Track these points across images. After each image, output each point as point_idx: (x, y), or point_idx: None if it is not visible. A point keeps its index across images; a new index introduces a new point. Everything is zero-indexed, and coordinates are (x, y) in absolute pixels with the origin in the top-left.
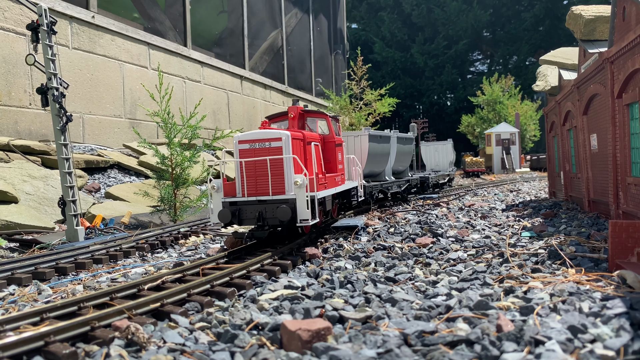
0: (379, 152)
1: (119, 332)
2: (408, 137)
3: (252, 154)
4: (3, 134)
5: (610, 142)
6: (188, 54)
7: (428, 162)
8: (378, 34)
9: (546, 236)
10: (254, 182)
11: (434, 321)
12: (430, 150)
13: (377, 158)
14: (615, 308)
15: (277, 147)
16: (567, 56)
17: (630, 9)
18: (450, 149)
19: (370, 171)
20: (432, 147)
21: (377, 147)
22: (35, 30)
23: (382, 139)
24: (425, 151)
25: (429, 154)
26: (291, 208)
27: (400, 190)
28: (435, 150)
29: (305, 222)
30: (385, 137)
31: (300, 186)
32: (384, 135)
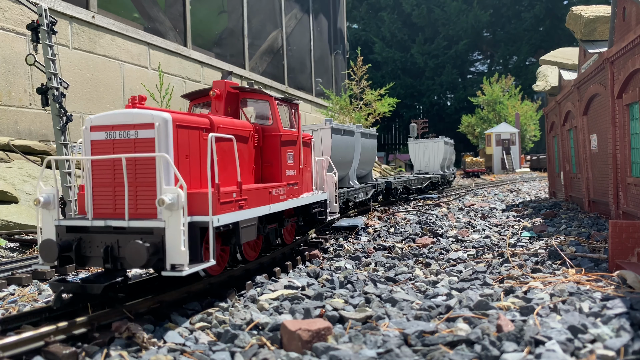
0: (343, 150)
1: (119, 332)
2: (372, 132)
3: (109, 148)
4: (3, 134)
5: (611, 142)
6: (188, 54)
7: (416, 162)
8: (378, 34)
9: (546, 236)
10: (109, 195)
11: (434, 321)
12: (418, 149)
13: (342, 158)
14: (616, 308)
15: (146, 140)
16: (567, 56)
17: (630, 9)
18: (442, 147)
19: None
20: (422, 145)
21: (341, 144)
22: (35, 30)
23: (347, 133)
24: (413, 150)
25: (417, 153)
26: (154, 244)
27: (367, 197)
28: (425, 149)
29: (180, 269)
30: (349, 132)
31: (169, 207)
32: (348, 129)
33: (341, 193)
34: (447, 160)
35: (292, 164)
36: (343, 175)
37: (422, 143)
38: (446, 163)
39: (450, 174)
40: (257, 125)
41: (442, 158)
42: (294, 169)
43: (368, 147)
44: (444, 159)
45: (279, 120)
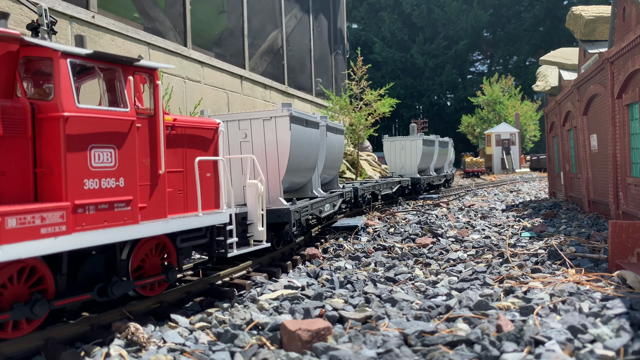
0: (306, 148)
1: (119, 332)
2: (338, 127)
3: None
4: None
5: (610, 142)
6: (188, 54)
7: (391, 163)
8: (378, 34)
9: (546, 236)
10: None
11: (434, 321)
12: (394, 148)
13: (304, 159)
14: (615, 308)
15: None
16: (567, 56)
17: (630, 10)
18: (419, 146)
19: (291, 184)
20: (397, 144)
21: (304, 140)
22: (35, 30)
23: (310, 124)
24: (387, 149)
25: (392, 153)
26: None
27: (334, 210)
28: (401, 148)
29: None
30: (312, 123)
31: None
32: (312, 119)
33: (303, 207)
34: (433, 162)
35: (113, 169)
36: (304, 182)
37: (398, 141)
38: (431, 164)
39: (437, 176)
40: (32, 102)
41: (419, 159)
42: (122, 177)
43: (335, 145)
44: (426, 160)
45: (64, 91)
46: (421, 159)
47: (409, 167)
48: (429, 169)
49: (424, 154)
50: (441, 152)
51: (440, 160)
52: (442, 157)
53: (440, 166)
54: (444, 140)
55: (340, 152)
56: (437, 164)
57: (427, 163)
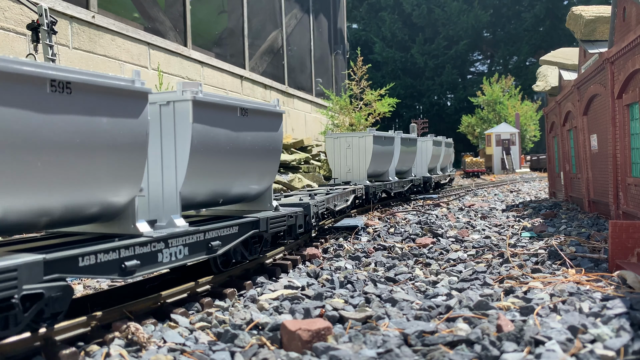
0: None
1: (119, 332)
2: (270, 109)
3: None
4: None
5: (611, 142)
6: (188, 54)
7: (335, 167)
8: (378, 34)
9: (546, 236)
10: None
11: (434, 321)
12: (338, 147)
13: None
14: (616, 308)
15: None
16: (567, 56)
17: (631, 10)
18: (369, 146)
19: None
20: (342, 142)
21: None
22: (35, 30)
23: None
24: (331, 149)
25: (336, 154)
26: None
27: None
28: (347, 147)
29: None
30: (226, 108)
31: None
32: (227, 103)
33: None
34: (393, 163)
35: None
36: (223, 192)
37: (344, 138)
38: (390, 167)
39: (403, 182)
40: None
41: (368, 161)
42: None
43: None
44: (381, 162)
45: None
46: (372, 161)
47: (357, 173)
48: (387, 173)
49: (378, 155)
50: (388, 151)
51: (408, 160)
52: (423, 156)
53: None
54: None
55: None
56: (404, 166)
57: (384, 165)
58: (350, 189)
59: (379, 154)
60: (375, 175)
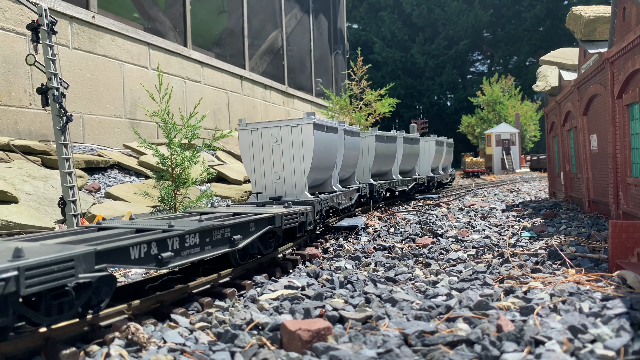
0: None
1: (119, 332)
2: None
3: None
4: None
5: (611, 142)
6: (188, 54)
7: (256, 176)
8: (378, 34)
9: (546, 236)
10: None
11: (434, 321)
12: (259, 143)
13: None
14: (616, 308)
15: None
16: (567, 56)
17: (631, 10)
18: (309, 137)
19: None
20: (267, 134)
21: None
22: (35, 30)
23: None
24: (246, 148)
25: (256, 154)
26: None
27: None
28: (274, 143)
29: None
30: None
31: None
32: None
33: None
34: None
35: None
36: None
37: (268, 129)
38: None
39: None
40: None
41: (308, 166)
42: None
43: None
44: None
45: None
46: (313, 167)
47: (290, 181)
48: (334, 180)
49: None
50: (391, 150)
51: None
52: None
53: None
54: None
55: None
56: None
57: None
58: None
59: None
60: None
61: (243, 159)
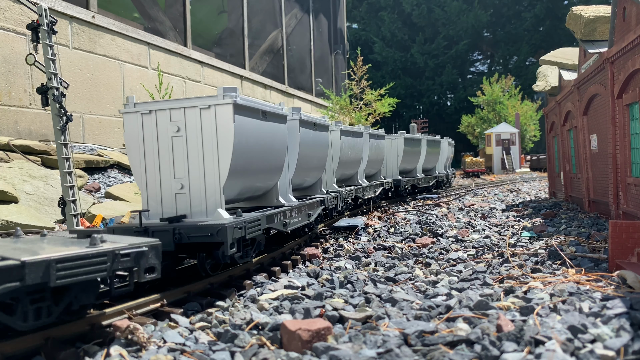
0: None
1: (119, 332)
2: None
3: None
4: (3, 133)
5: (611, 142)
6: (188, 54)
7: (149, 182)
8: (378, 34)
9: (546, 236)
10: None
11: (434, 321)
12: (154, 133)
13: None
14: (615, 308)
15: None
16: (567, 56)
17: (631, 10)
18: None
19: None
20: (164, 120)
21: None
22: (35, 30)
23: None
24: (134, 138)
25: (148, 149)
26: None
27: None
28: (175, 133)
29: None
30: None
31: None
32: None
33: None
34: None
35: None
36: None
37: (165, 112)
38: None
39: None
40: None
41: (225, 169)
42: None
43: None
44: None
45: None
46: (235, 172)
47: (199, 190)
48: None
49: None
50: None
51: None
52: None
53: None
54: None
55: None
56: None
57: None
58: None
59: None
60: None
61: (130, 157)
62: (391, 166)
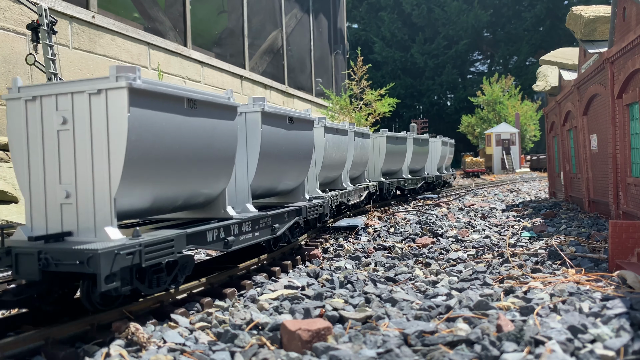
0: None
1: (119, 332)
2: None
3: None
4: (3, 133)
5: (611, 142)
6: (188, 54)
7: (33, 186)
8: (378, 34)
9: (546, 236)
10: None
11: (434, 321)
12: (38, 124)
13: None
14: (615, 308)
15: None
16: (567, 56)
17: (631, 10)
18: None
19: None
20: (49, 109)
21: None
22: (35, 30)
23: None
24: (17, 130)
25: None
26: None
27: None
28: (60, 125)
29: None
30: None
31: None
32: None
33: None
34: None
35: None
36: None
37: (51, 99)
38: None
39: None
40: None
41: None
42: None
43: None
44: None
45: None
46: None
47: (85, 201)
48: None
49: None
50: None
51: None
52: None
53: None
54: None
55: None
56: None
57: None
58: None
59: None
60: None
61: (12, 157)
62: (374, 167)
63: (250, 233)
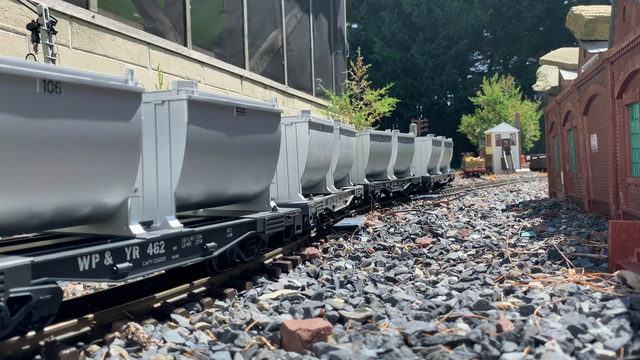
0: None
1: (119, 332)
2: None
3: None
4: None
5: (611, 142)
6: (188, 54)
7: None
8: (378, 34)
9: (546, 236)
10: None
11: (434, 321)
12: None
13: None
14: (616, 308)
15: None
16: (567, 56)
17: (631, 10)
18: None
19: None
20: None
21: None
22: (35, 30)
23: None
24: None
25: None
26: None
27: None
28: None
29: None
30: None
31: None
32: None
33: None
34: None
35: None
36: None
37: None
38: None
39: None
40: None
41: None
42: None
43: None
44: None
45: None
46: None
47: None
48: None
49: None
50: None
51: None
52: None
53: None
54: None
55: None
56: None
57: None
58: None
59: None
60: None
61: None
62: (357, 168)
63: (162, 256)
